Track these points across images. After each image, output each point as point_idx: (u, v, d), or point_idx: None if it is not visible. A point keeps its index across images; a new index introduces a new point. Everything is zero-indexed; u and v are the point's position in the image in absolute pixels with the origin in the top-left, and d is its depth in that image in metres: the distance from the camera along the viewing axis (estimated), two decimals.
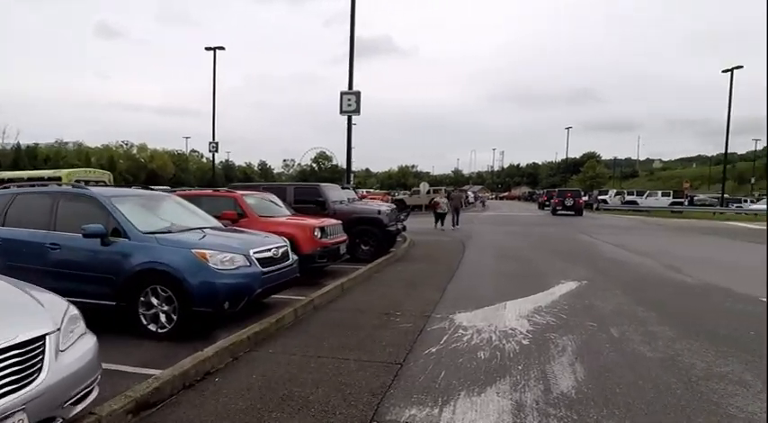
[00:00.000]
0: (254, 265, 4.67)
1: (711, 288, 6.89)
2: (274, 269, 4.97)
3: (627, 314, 5.32)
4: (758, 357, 3.87)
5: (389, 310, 5.44)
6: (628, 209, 33.76)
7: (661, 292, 6.55)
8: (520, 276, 7.84)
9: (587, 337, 4.46)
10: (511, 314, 5.31)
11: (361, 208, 10.12)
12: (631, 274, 8.24)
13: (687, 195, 37.20)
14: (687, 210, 32.01)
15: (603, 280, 7.51)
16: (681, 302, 5.96)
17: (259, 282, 4.67)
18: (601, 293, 6.44)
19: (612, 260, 10.03)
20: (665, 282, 7.42)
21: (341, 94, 14.69)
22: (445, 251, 11.35)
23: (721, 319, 5.08)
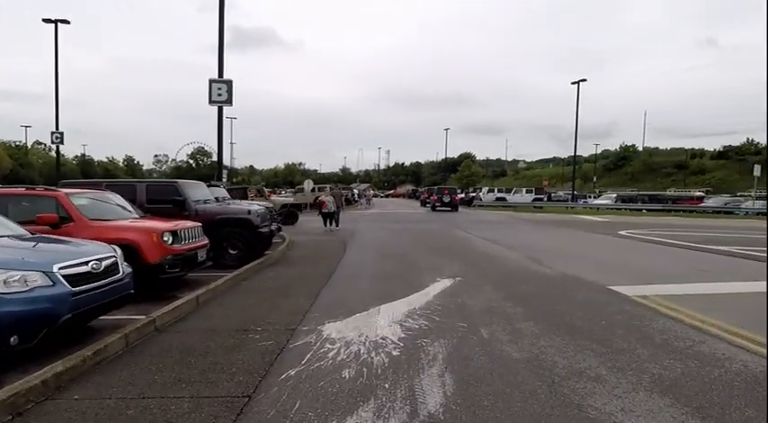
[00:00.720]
0: (59, 284, 3.62)
1: (567, 278, 7.40)
2: (94, 287, 3.96)
3: (496, 311, 5.33)
4: (608, 348, 4.02)
5: (249, 326, 4.74)
6: (498, 205, 36.89)
7: (526, 286, 6.81)
8: (397, 276, 7.65)
9: (458, 340, 4.28)
10: (384, 320, 4.97)
11: (229, 208, 9.10)
12: (501, 268, 8.59)
13: (546, 192, 42.00)
14: (546, 205, 36.03)
15: (476, 276, 7.66)
16: (543, 295, 6.21)
17: (68, 305, 3.64)
18: (472, 290, 6.47)
19: (484, 254, 10.46)
20: (530, 274, 7.81)
21: (210, 83, 13.33)
22: (325, 252, 10.84)
23: (577, 311, 5.33)
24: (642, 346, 4.09)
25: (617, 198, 37.88)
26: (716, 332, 4.44)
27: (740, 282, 7.12)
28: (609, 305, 5.58)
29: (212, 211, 8.53)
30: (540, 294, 6.23)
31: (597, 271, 8.05)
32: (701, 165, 68.84)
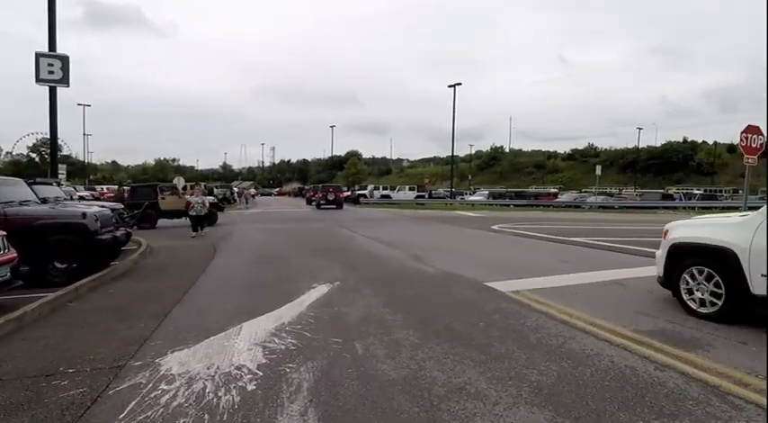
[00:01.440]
0: None
1: (447, 277, 7.32)
2: None
3: (374, 320, 4.89)
4: (487, 355, 3.80)
5: (59, 368, 3.61)
6: (384, 202, 37.52)
7: (407, 287, 6.53)
8: (269, 284, 6.85)
9: (329, 361, 3.71)
10: (244, 342, 4.20)
11: (55, 211, 7.36)
12: (382, 268, 8.27)
13: (428, 190, 43.95)
14: (428, 202, 37.66)
15: (356, 278, 7.20)
16: (424, 297, 5.97)
17: None
18: (351, 296, 5.98)
19: (367, 254, 10.11)
20: (411, 274, 7.60)
21: (37, 57, 10.90)
22: (188, 259, 9.53)
23: (457, 312, 5.14)
24: (519, 348, 3.95)
25: (489, 195, 41.30)
26: (582, 326, 4.52)
27: (597, 271, 7.71)
28: (486, 303, 5.50)
29: (29, 215, 6.79)
30: (420, 296, 5.97)
31: (475, 267, 8.15)
32: (555, 165, 78.54)
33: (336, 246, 11.81)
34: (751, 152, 8.48)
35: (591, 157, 75.23)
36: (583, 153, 79.00)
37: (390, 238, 13.21)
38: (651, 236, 11.67)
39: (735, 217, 5.00)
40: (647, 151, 68.50)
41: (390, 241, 12.51)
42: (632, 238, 12.66)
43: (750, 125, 8.58)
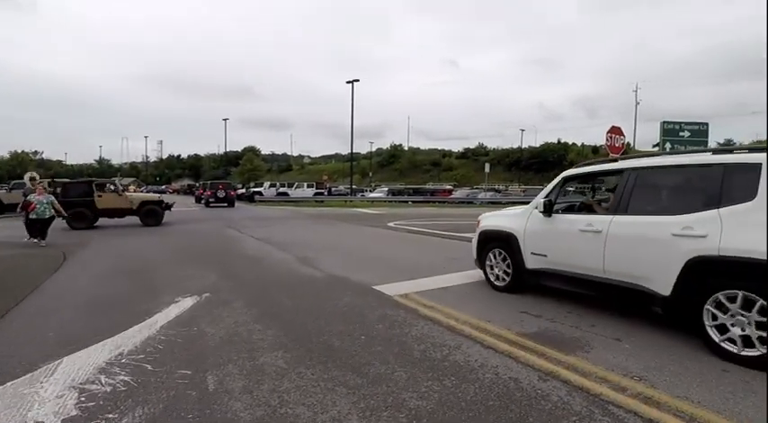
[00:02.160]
0: None
1: (334, 281, 6.77)
2: None
3: (240, 341, 4.15)
4: (365, 377, 3.30)
5: None
6: (281, 200, 35.96)
7: (288, 296, 5.85)
8: (121, 301, 5.69)
9: (166, 405, 2.92)
10: (56, 385, 3.21)
11: None
12: (265, 274, 7.46)
13: (327, 187, 43.19)
14: (327, 199, 36.92)
15: (231, 288, 6.33)
16: (304, 307, 5.34)
17: None
18: (219, 311, 5.14)
19: (251, 258, 9.18)
20: (296, 280, 6.92)
21: None
22: (18, 274, 7.77)
23: (338, 323, 4.60)
24: (401, 365, 3.52)
25: (388, 192, 41.89)
26: (468, 332, 4.26)
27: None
28: (371, 311, 5.05)
29: None
30: (300, 307, 5.32)
31: (365, 268, 7.73)
32: (450, 163, 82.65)
33: (219, 249, 10.65)
34: (615, 150, 9.23)
35: (481, 155, 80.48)
36: (474, 152, 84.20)
37: (282, 239, 12.34)
38: None
39: (518, 208, 5.93)
40: (528, 151, 75.12)
41: (281, 242, 11.65)
42: None
43: (614, 126, 9.34)
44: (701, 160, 4.00)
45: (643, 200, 4.29)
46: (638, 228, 4.13)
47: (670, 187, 4.32)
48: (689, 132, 11.26)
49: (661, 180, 4.38)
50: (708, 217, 3.60)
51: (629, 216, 4.27)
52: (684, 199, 4.05)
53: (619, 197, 4.47)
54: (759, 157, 3.50)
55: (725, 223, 3.49)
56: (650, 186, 4.38)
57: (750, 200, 3.39)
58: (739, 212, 3.45)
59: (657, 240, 3.89)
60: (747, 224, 3.35)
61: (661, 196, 4.37)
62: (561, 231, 4.96)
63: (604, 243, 4.39)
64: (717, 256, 3.47)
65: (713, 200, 3.64)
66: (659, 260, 3.87)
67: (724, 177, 3.63)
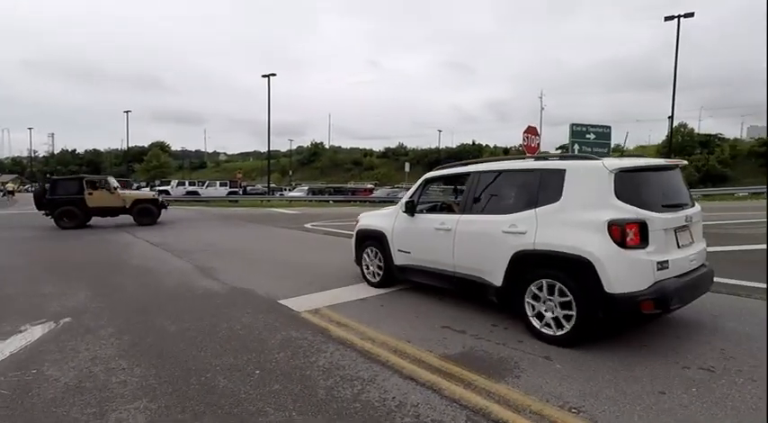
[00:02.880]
0: None
1: (235, 295, 5.85)
2: None
3: (91, 388, 3.17)
4: None
5: None
6: (190, 199, 33.20)
7: (172, 318, 4.85)
8: None
9: None
10: None
11: None
12: (151, 289, 6.30)
13: (242, 185, 40.76)
14: (242, 198, 34.77)
15: (101, 310, 5.17)
16: (191, 332, 4.41)
17: None
18: (76, 343, 4.05)
19: (139, 269, 7.87)
20: (188, 296, 5.89)
21: None
22: None
23: (228, 355, 3.77)
24: (301, 411, 2.81)
25: (309, 191, 40.52)
26: (385, 357, 3.65)
27: None
28: (273, 334, 4.27)
29: None
30: (185, 333, 4.38)
31: (274, 278, 6.88)
32: (372, 162, 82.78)
33: (101, 258, 9.10)
34: (531, 150, 9.28)
35: (401, 155, 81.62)
36: (395, 151, 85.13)
37: (182, 245, 10.96)
38: None
39: (390, 208, 6.13)
40: (446, 151, 77.55)
41: (181, 248, 10.31)
42: None
43: (530, 126, 9.39)
44: (526, 166, 4.50)
45: (483, 200, 4.69)
46: (478, 225, 4.54)
47: (503, 189, 4.64)
48: (594, 135, 11.80)
49: (496, 182, 4.69)
50: (527, 216, 4.06)
51: (472, 215, 4.69)
52: (513, 199, 4.44)
53: (465, 198, 4.86)
54: (564, 164, 4.01)
55: (539, 221, 3.96)
56: (488, 188, 4.71)
57: (557, 201, 3.90)
58: (549, 212, 3.93)
59: (492, 237, 4.30)
60: (553, 222, 3.87)
61: (496, 197, 4.65)
62: (421, 230, 5.30)
63: (453, 240, 4.77)
64: (532, 249, 3.94)
65: (532, 200, 4.10)
66: (493, 254, 4.28)
67: (540, 181, 4.10)
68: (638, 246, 3.53)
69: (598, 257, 3.53)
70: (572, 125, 11.86)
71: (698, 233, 4.23)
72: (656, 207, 3.74)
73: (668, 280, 3.61)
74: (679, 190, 4.21)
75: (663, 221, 3.68)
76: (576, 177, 3.87)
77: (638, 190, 3.76)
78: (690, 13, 29.02)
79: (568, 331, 3.73)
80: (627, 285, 3.48)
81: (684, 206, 4.08)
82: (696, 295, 4.02)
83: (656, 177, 4.07)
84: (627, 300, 3.46)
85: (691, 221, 4.03)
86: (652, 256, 3.55)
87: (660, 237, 3.64)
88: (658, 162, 4.21)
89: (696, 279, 3.90)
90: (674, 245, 3.80)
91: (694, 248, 4.03)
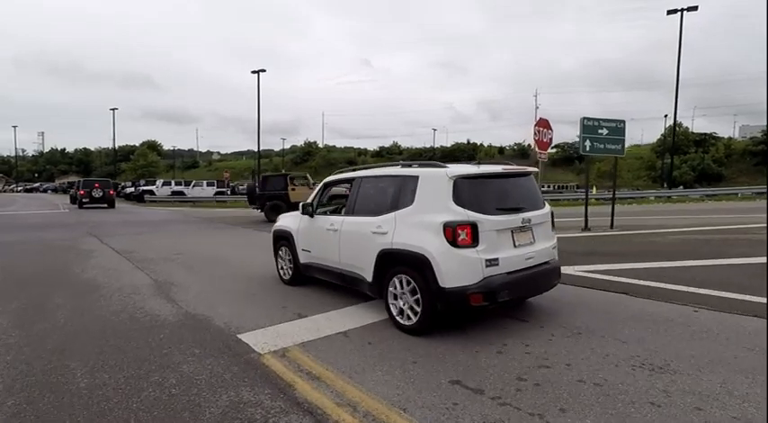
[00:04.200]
0: None
1: (188, 325, 4.67)
2: None
3: None
4: None
5: None
6: (175, 200, 31.85)
7: (92, 364, 3.66)
8: None
9: None
10: None
11: None
12: (85, 317, 5.08)
13: (230, 185, 39.32)
14: (230, 199, 33.46)
15: (6, 349, 3.97)
16: (107, 387, 3.22)
17: None
18: None
19: (86, 285, 6.65)
20: (126, 327, 4.69)
21: None
22: None
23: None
24: None
25: None
26: None
27: None
28: (216, 395, 3.08)
29: None
30: (96, 391, 3.17)
31: (242, 299, 5.70)
32: (366, 161, 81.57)
33: (50, 270, 7.87)
34: (543, 146, 8.17)
35: (396, 154, 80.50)
36: (389, 150, 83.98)
37: (150, 252, 9.76)
38: None
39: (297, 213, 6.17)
40: (440, 150, 76.50)
41: (146, 257, 9.11)
42: None
43: (541, 118, 8.27)
44: (392, 172, 4.83)
45: (361, 203, 5.03)
46: (356, 226, 4.89)
47: (375, 194, 4.92)
48: (607, 130, 10.71)
49: (372, 187, 5.01)
50: (389, 218, 4.44)
51: (353, 217, 5.02)
52: (381, 203, 4.71)
53: (349, 201, 5.23)
54: (419, 171, 4.38)
55: (397, 223, 4.34)
56: (365, 192, 5.05)
57: (411, 205, 4.29)
58: (404, 214, 4.32)
59: (365, 237, 4.66)
60: (407, 223, 4.24)
61: (370, 201, 4.94)
62: (318, 230, 5.62)
63: (339, 239, 5.13)
64: (391, 248, 4.32)
65: (394, 204, 4.49)
66: (366, 253, 4.62)
67: (401, 187, 4.48)
68: (470, 245, 3.88)
69: (434, 255, 3.90)
70: (583, 119, 10.75)
71: (542, 234, 4.51)
72: (490, 210, 4.05)
73: (497, 276, 3.93)
74: (523, 194, 4.47)
75: (494, 223, 4.00)
76: (425, 183, 4.26)
77: (473, 195, 4.06)
78: (693, 7, 28.15)
79: (417, 322, 4.12)
80: (457, 280, 3.84)
81: (523, 209, 4.30)
82: (533, 289, 4.47)
83: (495, 184, 4.37)
84: (458, 293, 3.83)
85: (530, 223, 4.32)
86: (481, 255, 3.89)
87: (491, 237, 3.97)
88: (498, 169, 4.39)
89: (532, 275, 4.23)
90: (510, 244, 4.12)
91: (534, 247, 4.33)
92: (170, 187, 35.12)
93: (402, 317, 4.27)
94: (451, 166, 4.20)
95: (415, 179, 4.36)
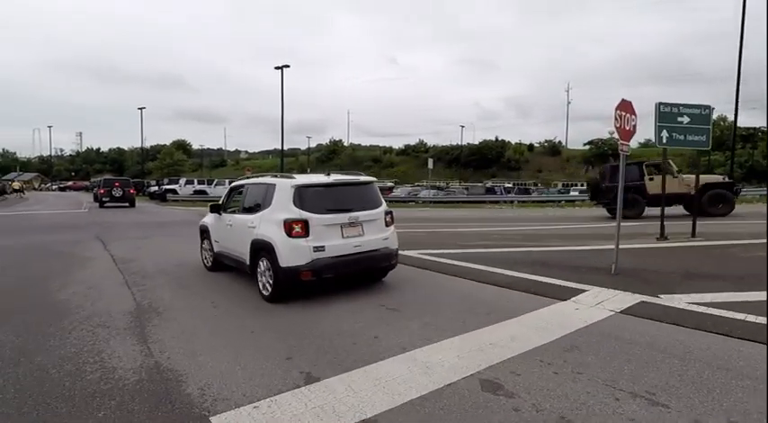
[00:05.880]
0: None
1: (147, 389, 3.22)
2: None
3: None
4: None
5: None
6: (197, 199, 31.07)
7: None
8: None
9: None
10: None
11: None
12: (20, 369, 3.72)
13: None
14: None
15: None
16: None
17: None
18: None
19: (53, 310, 5.34)
20: (61, 394, 3.29)
21: None
22: None
23: None
24: None
25: None
26: None
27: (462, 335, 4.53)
28: None
29: None
30: None
31: (232, 341, 4.26)
32: (391, 159, 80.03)
33: (20, 286, 6.67)
34: (626, 136, 6.44)
35: (421, 152, 78.63)
36: (414, 149, 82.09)
37: (149, 261, 8.55)
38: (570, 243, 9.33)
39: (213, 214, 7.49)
40: (467, 148, 74.04)
41: (142, 268, 7.90)
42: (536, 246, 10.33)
43: (624, 100, 6.50)
44: (263, 181, 6.35)
45: (246, 204, 6.47)
46: (242, 222, 6.30)
47: (254, 197, 6.32)
48: (689, 117, 8.82)
49: (253, 192, 6.45)
50: (258, 216, 5.89)
51: (241, 215, 6.47)
52: (255, 204, 6.16)
53: (240, 202, 6.68)
54: (276, 181, 5.91)
55: (261, 220, 5.78)
56: (249, 196, 6.48)
57: (270, 206, 5.74)
58: (266, 213, 5.75)
59: (245, 230, 6.06)
60: (266, 220, 5.68)
61: (251, 202, 6.36)
62: (222, 225, 7.03)
63: (233, 233, 6.60)
64: (257, 238, 5.74)
65: (262, 205, 5.92)
66: (246, 242, 5.99)
67: (266, 192, 5.94)
68: (302, 236, 5.32)
69: (276, 243, 5.36)
70: (658, 105, 8.90)
71: (373, 228, 5.81)
72: (321, 211, 5.46)
73: (323, 258, 5.34)
74: (356, 198, 5.85)
75: (323, 220, 5.42)
76: (278, 190, 5.71)
77: (308, 199, 5.50)
78: None
79: (270, 293, 5.51)
80: (292, 261, 5.27)
81: (352, 210, 5.65)
82: (356, 269, 5.77)
83: (329, 190, 5.80)
84: (292, 270, 5.26)
85: (358, 220, 5.66)
86: (311, 243, 5.31)
87: (320, 230, 5.38)
88: (329, 180, 5.83)
89: (358, 259, 5.60)
90: (338, 236, 5.50)
91: (363, 238, 5.67)
92: (192, 186, 34.42)
93: (264, 290, 5.61)
94: (298, 177, 5.92)
95: (274, 186, 5.81)
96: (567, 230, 13.79)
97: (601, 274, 6.54)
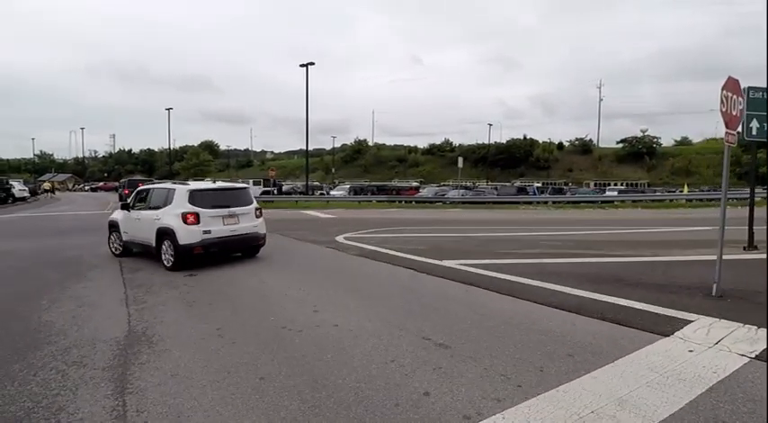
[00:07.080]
0: None
1: None
2: None
3: None
4: None
5: None
6: None
7: None
8: None
9: None
10: None
11: None
12: None
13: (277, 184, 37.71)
14: (277, 199, 31.78)
15: None
16: None
17: None
18: None
19: (31, 336, 4.47)
20: None
21: None
22: None
23: None
24: None
25: (350, 189, 36.74)
26: None
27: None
28: None
29: None
30: None
31: (235, 393, 3.21)
32: (416, 159, 78.61)
33: (5, 300, 5.82)
34: (733, 123, 5.14)
35: (447, 151, 76.92)
36: (440, 148, 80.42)
37: (160, 269, 7.67)
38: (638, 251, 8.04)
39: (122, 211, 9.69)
40: (494, 147, 71.89)
41: (150, 279, 7.07)
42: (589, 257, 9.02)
43: (731, 77, 5.19)
44: (165, 186, 9.17)
45: (152, 203, 8.70)
46: (149, 216, 8.48)
47: (158, 197, 8.63)
48: None
49: (156, 193, 8.80)
50: (162, 211, 8.16)
51: (147, 211, 8.67)
52: (159, 202, 8.44)
53: (147, 201, 8.91)
54: (175, 186, 8.69)
55: (164, 213, 8.09)
56: (154, 196, 8.77)
57: (171, 204, 8.09)
58: (167, 209, 8.09)
59: (152, 222, 8.30)
60: (168, 214, 8.01)
61: (156, 201, 8.61)
62: (131, 219, 9.12)
63: (141, 224, 8.75)
64: (161, 227, 8.03)
65: (164, 204, 8.25)
66: (152, 231, 8.20)
67: (168, 193, 8.41)
68: (195, 223, 7.77)
69: (176, 229, 7.72)
70: (748, 89, 7.46)
71: (246, 219, 8.48)
72: (208, 206, 8.00)
73: (210, 239, 7.86)
74: (234, 198, 8.55)
75: (209, 213, 7.94)
76: (178, 193, 8.19)
77: (199, 199, 8.02)
78: None
79: (173, 264, 7.78)
80: (187, 241, 7.68)
81: (231, 206, 8.32)
82: (234, 247, 8.53)
83: (214, 193, 8.56)
84: (188, 247, 7.69)
85: (235, 213, 8.30)
86: (201, 228, 7.78)
87: (208, 220, 7.90)
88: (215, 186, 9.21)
89: (235, 239, 8.30)
90: (221, 224, 8.06)
91: (238, 226, 8.30)
92: None
93: (168, 263, 7.90)
94: (192, 183, 9.30)
95: (174, 190, 8.39)
96: (622, 235, 12.31)
97: (698, 297, 5.25)
